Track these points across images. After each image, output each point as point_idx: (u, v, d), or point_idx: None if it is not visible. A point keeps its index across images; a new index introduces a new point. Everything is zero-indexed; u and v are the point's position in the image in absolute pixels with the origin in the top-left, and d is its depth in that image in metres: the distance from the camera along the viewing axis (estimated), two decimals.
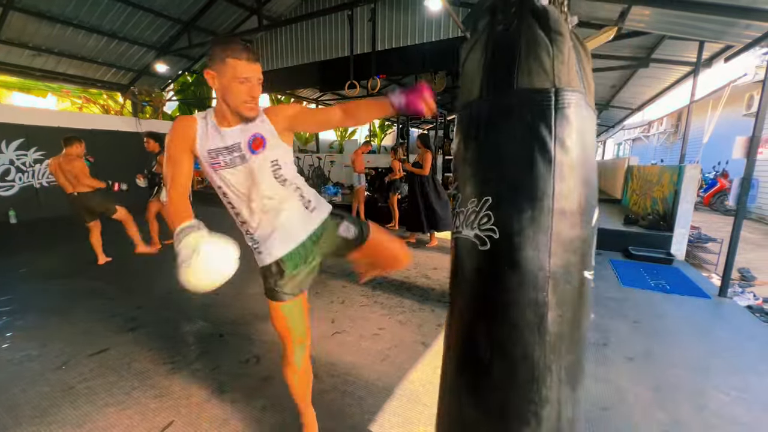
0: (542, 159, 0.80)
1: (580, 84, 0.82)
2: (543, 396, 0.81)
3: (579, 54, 0.84)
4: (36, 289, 3.31)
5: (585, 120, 0.82)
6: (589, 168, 0.83)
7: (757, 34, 3.41)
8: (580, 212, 0.82)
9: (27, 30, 6.57)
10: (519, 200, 0.83)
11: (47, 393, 1.86)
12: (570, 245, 0.82)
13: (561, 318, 0.81)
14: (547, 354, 0.80)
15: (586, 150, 0.82)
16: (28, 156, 6.63)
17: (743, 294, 3.69)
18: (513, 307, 0.82)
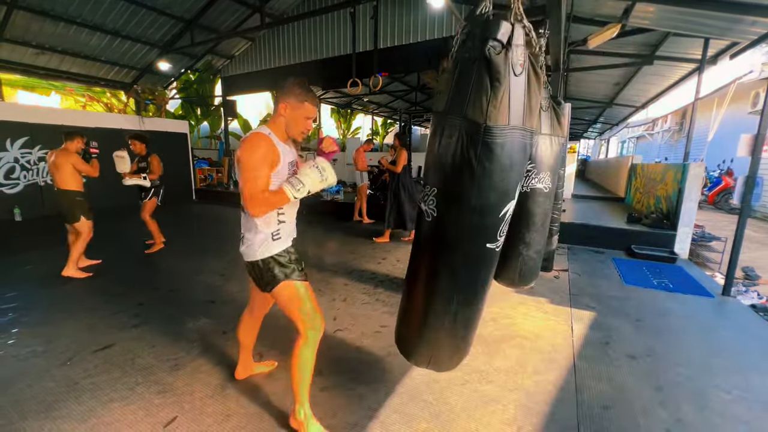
0: (468, 172, 1.15)
1: (509, 117, 1.11)
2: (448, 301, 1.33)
3: (530, 84, 1.13)
4: (41, 286, 3.34)
5: (506, 146, 1.13)
6: (506, 180, 1.17)
7: (763, 31, 3.38)
8: (490, 208, 1.20)
9: (31, 28, 6.60)
10: (450, 195, 1.22)
11: (52, 388, 1.89)
12: (479, 227, 1.22)
13: (467, 273, 1.29)
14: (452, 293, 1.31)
15: (504, 168, 1.15)
16: (33, 154, 6.67)
17: (747, 293, 3.67)
18: (437, 260, 1.30)
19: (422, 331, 1.40)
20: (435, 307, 1.34)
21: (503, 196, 1.19)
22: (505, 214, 1.23)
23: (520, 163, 1.19)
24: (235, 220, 1.47)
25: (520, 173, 1.22)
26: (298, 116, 1.46)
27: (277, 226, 1.51)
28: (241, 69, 9.37)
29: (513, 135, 1.12)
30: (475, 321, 1.40)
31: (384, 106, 14.94)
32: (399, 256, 4.39)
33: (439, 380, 1.99)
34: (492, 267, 1.32)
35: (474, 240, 1.24)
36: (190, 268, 3.85)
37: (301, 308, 1.51)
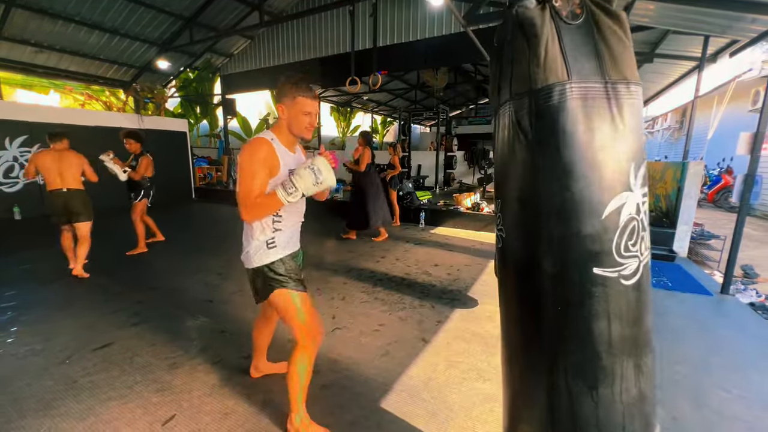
0: (522, 164, 0.87)
1: (569, 72, 0.81)
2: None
3: (600, 28, 0.83)
4: (40, 284, 3.34)
5: (572, 109, 0.81)
6: (593, 158, 0.81)
7: (763, 29, 3.36)
8: (576, 207, 0.82)
9: (29, 27, 6.58)
10: (514, 200, 0.90)
11: (51, 387, 1.89)
12: (567, 243, 0.83)
13: (565, 322, 0.85)
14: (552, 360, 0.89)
15: (579, 140, 0.81)
16: (32, 153, 6.66)
17: (746, 291, 3.67)
18: (518, 305, 0.95)
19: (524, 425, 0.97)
20: (535, 388, 0.93)
21: (598, 185, 0.81)
22: (618, 217, 0.80)
23: (624, 132, 0.81)
24: (234, 219, 1.47)
25: (627, 147, 0.81)
26: (296, 113, 1.42)
27: (272, 234, 1.47)
28: (240, 67, 9.35)
29: (585, 93, 0.81)
30: (622, 415, 0.84)
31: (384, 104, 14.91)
32: (398, 254, 4.39)
33: (437, 379, 1.99)
34: (630, 314, 0.83)
35: (566, 262, 0.83)
36: (189, 267, 3.85)
37: (296, 318, 1.48)
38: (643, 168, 0.84)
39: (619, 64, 0.83)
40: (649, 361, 0.86)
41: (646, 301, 0.85)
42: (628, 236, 0.82)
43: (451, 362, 2.15)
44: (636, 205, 0.82)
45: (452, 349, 2.30)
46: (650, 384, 0.86)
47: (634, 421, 0.83)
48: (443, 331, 2.52)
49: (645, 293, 0.85)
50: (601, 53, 0.82)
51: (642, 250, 0.83)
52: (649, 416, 0.86)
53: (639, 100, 0.85)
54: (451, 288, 3.33)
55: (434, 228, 5.97)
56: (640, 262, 0.83)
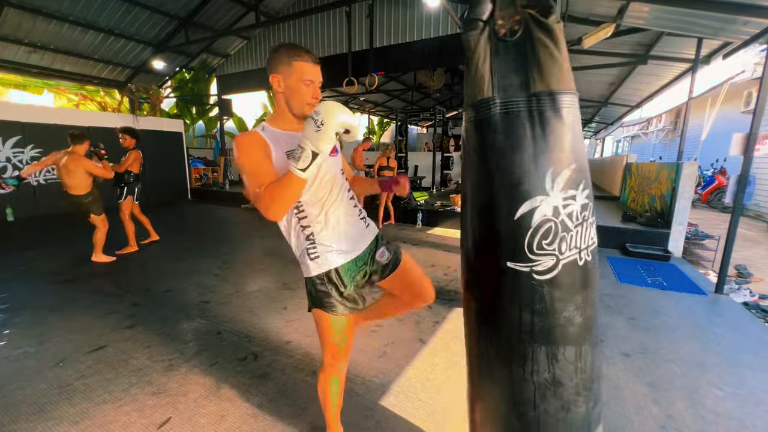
0: (462, 169, 1.04)
1: (491, 90, 0.93)
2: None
3: (534, 39, 0.91)
4: (33, 286, 3.31)
5: (495, 120, 0.92)
6: (498, 163, 0.93)
7: (755, 31, 3.40)
8: (486, 205, 0.96)
9: (23, 26, 6.53)
10: (462, 202, 1.06)
11: (44, 390, 1.87)
12: (485, 239, 1.00)
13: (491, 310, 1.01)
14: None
15: (490, 149, 0.93)
16: (25, 153, 6.60)
17: (739, 291, 3.71)
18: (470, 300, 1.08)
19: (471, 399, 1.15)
20: (468, 365, 1.09)
21: (510, 190, 0.91)
22: (530, 220, 0.89)
23: (538, 142, 0.88)
24: (231, 219, 1.43)
25: (541, 156, 0.89)
26: (294, 82, 1.14)
27: (307, 237, 1.21)
28: (236, 68, 9.32)
29: (507, 107, 0.90)
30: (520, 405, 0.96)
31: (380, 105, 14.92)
32: None
33: (434, 379, 1.99)
34: (539, 306, 0.91)
35: (486, 253, 0.97)
36: (185, 269, 3.83)
37: (331, 341, 1.27)
38: (566, 172, 0.89)
39: (546, 76, 0.89)
40: (568, 353, 0.92)
41: (564, 297, 0.90)
42: (542, 236, 0.89)
43: (448, 363, 2.15)
44: (553, 208, 0.89)
45: (450, 349, 2.30)
46: (570, 373, 0.92)
47: (546, 400, 0.93)
48: (441, 331, 2.52)
49: (563, 290, 0.90)
50: (530, 67, 0.89)
51: (561, 249, 0.89)
52: (569, 403, 0.93)
53: (568, 108, 0.90)
54: (448, 288, 3.34)
55: (431, 228, 5.98)
56: (559, 260, 0.89)
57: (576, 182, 0.90)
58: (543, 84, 0.89)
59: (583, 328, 0.93)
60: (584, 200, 0.91)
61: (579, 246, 0.91)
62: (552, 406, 0.93)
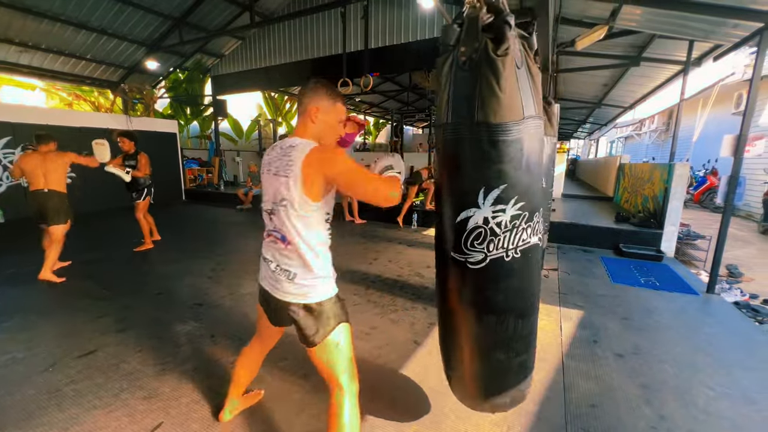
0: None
1: (448, 114, 1.12)
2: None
3: (482, 72, 1.04)
4: (23, 289, 3.26)
5: (448, 144, 1.15)
6: (448, 178, 1.19)
7: (745, 34, 3.44)
8: (440, 210, 1.25)
9: (13, 25, 6.43)
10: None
11: (33, 396, 1.84)
12: (441, 236, 1.30)
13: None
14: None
15: (442, 167, 1.20)
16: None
17: (730, 290, 3.75)
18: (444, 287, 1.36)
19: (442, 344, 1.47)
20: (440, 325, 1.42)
21: (454, 200, 1.16)
22: (465, 224, 1.13)
23: (476, 164, 1.09)
24: (225, 221, 1.41)
25: (478, 176, 1.09)
26: (333, 120, 1.27)
27: (329, 251, 1.31)
28: (231, 68, 9.27)
29: (455, 133, 1.11)
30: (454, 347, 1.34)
31: (376, 105, 14.92)
32: (390, 256, 4.39)
33: (429, 381, 1.98)
34: (464, 280, 1.20)
35: (440, 249, 1.27)
36: (178, 271, 3.80)
37: (349, 357, 1.27)
38: (496, 191, 1.09)
39: (485, 108, 1.04)
40: (490, 318, 1.20)
41: (487, 279, 1.17)
42: (474, 237, 1.14)
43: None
44: (483, 218, 1.12)
45: None
46: (490, 331, 1.21)
47: (478, 342, 1.26)
48: (435, 333, 2.52)
49: (488, 277, 1.17)
50: (474, 98, 1.04)
51: (489, 248, 1.14)
52: (489, 349, 1.25)
53: (504, 137, 1.05)
54: None
55: (427, 229, 5.98)
56: (487, 256, 1.14)
57: (506, 199, 1.10)
58: (483, 115, 1.04)
59: (504, 303, 1.19)
60: (515, 212, 1.11)
61: (506, 247, 1.13)
62: (480, 346, 1.26)
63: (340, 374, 1.24)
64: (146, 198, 4.46)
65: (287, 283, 1.24)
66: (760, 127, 8.46)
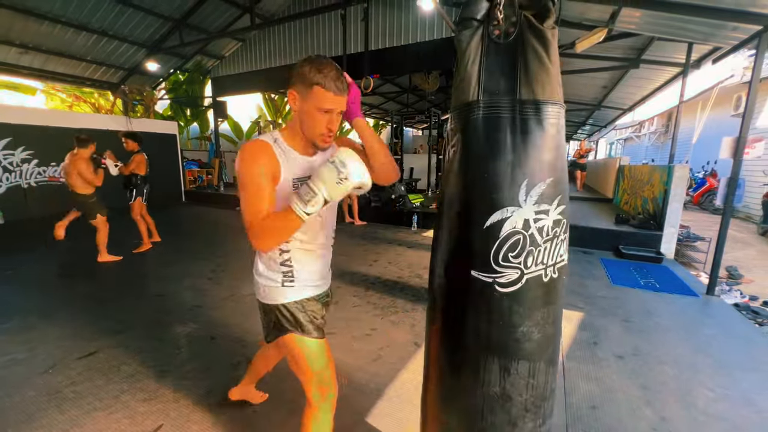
0: (444, 171, 1.00)
1: (476, 93, 0.91)
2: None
3: (526, 44, 0.89)
4: (23, 291, 3.25)
5: (476, 126, 0.91)
6: (474, 170, 0.92)
7: (744, 36, 3.46)
8: (458, 212, 0.95)
9: (14, 27, 6.44)
10: (440, 203, 1.03)
11: (33, 398, 1.83)
12: (455, 243, 0.99)
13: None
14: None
15: (465, 155, 0.93)
16: (15, 156, 6.50)
17: (730, 292, 3.76)
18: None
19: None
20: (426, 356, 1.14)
21: (483, 198, 0.89)
22: (499, 229, 0.87)
23: (519, 150, 0.86)
24: (225, 222, 1.42)
25: (521, 165, 0.86)
26: (310, 108, 1.01)
27: (286, 263, 1.13)
28: (231, 70, 9.28)
29: (489, 112, 0.88)
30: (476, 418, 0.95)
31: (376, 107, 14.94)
32: (390, 258, 4.39)
33: None
34: (488, 309, 0.90)
35: (451, 261, 0.98)
36: (178, 272, 3.79)
37: (309, 370, 1.16)
38: (542, 186, 0.87)
39: (532, 84, 0.86)
40: (522, 368, 0.90)
41: (524, 312, 0.88)
42: (509, 248, 0.86)
43: None
44: (524, 221, 0.86)
45: None
46: (520, 388, 0.90)
47: (494, 412, 0.92)
48: None
49: (523, 304, 0.88)
50: (518, 72, 0.86)
51: (527, 263, 0.87)
52: (516, 418, 0.92)
53: (552, 119, 0.87)
54: None
55: (427, 231, 5.99)
56: (524, 275, 0.87)
57: (551, 197, 0.88)
58: (529, 92, 0.86)
59: (540, 345, 0.91)
60: (557, 216, 0.89)
61: (546, 262, 0.89)
62: (499, 419, 0.92)
63: (306, 386, 1.19)
64: (137, 198, 4.50)
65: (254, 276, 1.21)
66: (759, 129, 8.48)
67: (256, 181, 0.99)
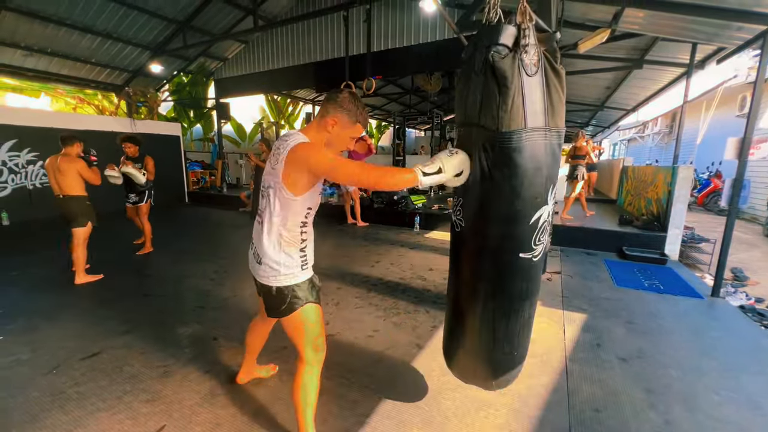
0: (487, 181, 1.21)
1: (525, 120, 1.13)
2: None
3: (549, 82, 1.16)
4: (27, 292, 3.27)
5: (525, 150, 1.14)
6: (532, 185, 1.19)
7: (748, 36, 3.44)
8: (516, 216, 1.22)
9: (19, 29, 6.51)
10: (474, 205, 1.29)
11: (37, 398, 1.84)
12: (507, 237, 1.25)
13: (502, 285, 1.33)
14: (488, 306, 1.36)
15: (526, 173, 1.17)
16: (21, 157, 6.56)
17: (736, 294, 3.72)
18: (470, 271, 1.39)
19: (465, 344, 1.45)
20: (473, 320, 1.38)
21: (531, 202, 1.20)
22: (538, 222, 1.22)
23: (548, 166, 1.19)
24: (228, 223, 1.44)
25: (549, 176, 1.20)
26: (346, 136, 1.33)
27: (303, 248, 1.35)
28: (234, 71, 9.33)
29: (533, 138, 1.14)
30: (521, 335, 1.38)
31: (378, 108, 14.96)
32: (392, 259, 4.39)
33: (431, 386, 1.98)
34: (532, 278, 1.32)
35: (504, 250, 1.26)
36: (181, 273, 3.81)
37: (312, 333, 1.38)
38: (553, 187, 1.24)
39: (556, 116, 1.18)
40: (534, 299, 1.39)
41: (539, 268, 1.36)
42: (540, 232, 1.26)
43: (445, 368, 2.12)
44: (548, 213, 1.26)
45: None
46: (531, 311, 1.40)
47: (522, 335, 1.40)
48: (438, 336, 2.51)
49: (539, 266, 1.35)
50: (547, 106, 1.14)
51: (544, 240, 1.29)
52: (529, 317, 1.41)
53: (561, 141, 1.23)
54: (446, 293, 3.33)
55: (429, 232, 5.98)
56: (544, 247, 1.31)
57: (552, 192, 1.26)
58: (554, 122, 1.17)
59: (534, 289, 1.37)
60: (552, 203, 1.30)
61: (545, 239, 1.30)
62: (520, 342, 1.41)
63: (303, 348, 1.40)
64: (148, 200, 4.52)
65: (257, 264, 1.37)
66: (764, 130, 8.41)
67: (337, 156, 1.21)
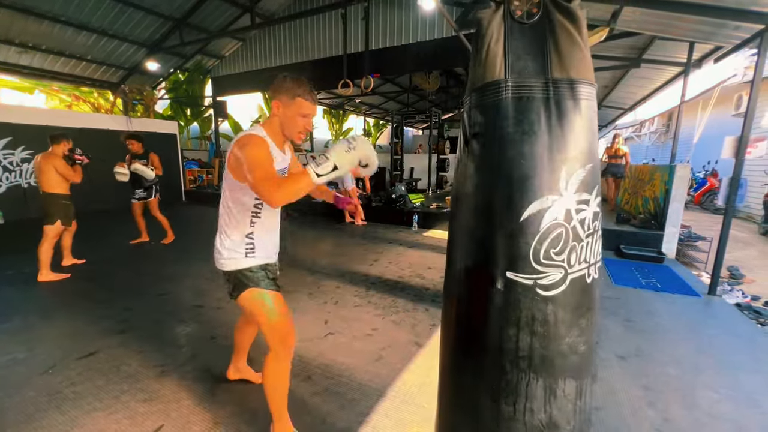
0: (459, 161, 0.90)
1: (505, 71, 0.83)
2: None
3: (555, 25, 0.84)
4: (23, 290, 3.25)
5: (505, 106, 0.81)
6: (506, 154, 0.82)
7: (745, 36, 3.44)
8: (486, 205, 0.82)
9: (14, 26, 6.44)
10: (456, 199, 0.94)
11: (33, 398, 1.83)
12: (485, 240, 0.88)
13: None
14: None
15: (497, 136, 0.82)
16: (15, 155, 6.50)
17: (732, 292, 3.75)
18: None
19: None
20: (445, 385, 0.95)
21: (519, 186, 0.77)
22: (538, 221, 0.76)
23: (558, 135, 0.77)
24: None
25: (561, 148, 0.77)
26: (293, 114, 1.33)
27: (250, 234, 1.39)
28: (231, 69, 9.27)
29: (521, 92, 0.79)
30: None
31: (376, 107, 14.94)
32: (391, 258, 4.38)
33: (431, 384, 1.97)
34: (530, 317, 0.78)
35: (483, 262, 0.82)
36: (178, 272, 3.79)
37: (267, 319, 1.41)
38: (582, 173, 0.78)
39: (566, 63, 0.79)
40: (569, 388, 0.76)
41: (570, 320, 0.76)
42: (551, 243, 0.75)
43: None
44: (565, 211, 0.76)
45: None
46: (568, 415, 0.76)
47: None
48: (437, 334, 2.51)
49: (569, 311, 0.76)
50: (548, 51, 0.79)
51: (571, 261, 0.76)
52: None
53: (588, 100, 0.81)
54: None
55: (427, 231, 5.98)
56: (567, 275, 0.75)
57: (591, 186, 0.78)
58: (562, 70, 0.78)
59: (586, 359, 0.78)
60: (596, 208, 0.79)
61: (588, 260, 0.77)
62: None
63: (266, 334, 1.43)
64: (156, 195, 4.69)
65: (215, 251, 1.44)
66: (761, 129, 8.46)
67: (268, 159, 1.24)
